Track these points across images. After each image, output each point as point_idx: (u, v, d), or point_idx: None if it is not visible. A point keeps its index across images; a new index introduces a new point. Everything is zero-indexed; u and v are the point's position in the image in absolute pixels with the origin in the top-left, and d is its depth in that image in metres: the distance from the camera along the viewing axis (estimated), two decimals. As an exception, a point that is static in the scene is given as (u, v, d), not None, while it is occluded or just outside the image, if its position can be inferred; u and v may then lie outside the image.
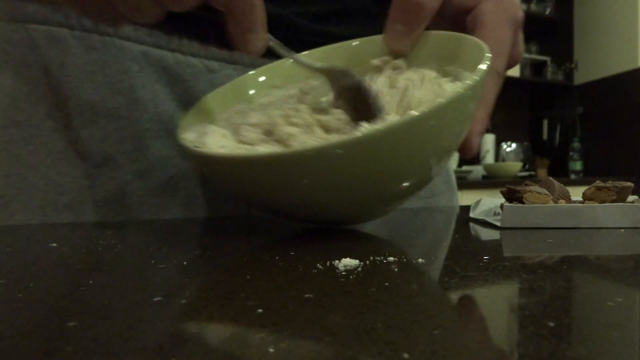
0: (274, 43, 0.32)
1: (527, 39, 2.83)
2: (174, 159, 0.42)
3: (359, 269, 0.19)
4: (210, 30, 0.42)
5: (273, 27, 0.44)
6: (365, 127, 0.25)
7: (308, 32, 0.46)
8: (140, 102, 0.41)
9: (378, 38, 0.35)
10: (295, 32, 0.45)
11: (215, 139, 0.30)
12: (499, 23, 0.32)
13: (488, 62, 0.27)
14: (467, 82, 0.26)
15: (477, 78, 0.26)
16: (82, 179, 0.39)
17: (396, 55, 0.34)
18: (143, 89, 0.41)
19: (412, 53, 0.34)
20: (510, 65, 0.35)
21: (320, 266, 0.20)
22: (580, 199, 0.35)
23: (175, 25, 0.41)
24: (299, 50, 0.47)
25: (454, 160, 2.42)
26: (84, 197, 0.39)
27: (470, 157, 0.32)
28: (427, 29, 0.33)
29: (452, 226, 0.36)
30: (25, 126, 0.39)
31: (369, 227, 0.34)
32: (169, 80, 0.42)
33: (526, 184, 0.35)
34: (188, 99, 0.42)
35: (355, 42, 0.38)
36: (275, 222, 0.37)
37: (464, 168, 2.50)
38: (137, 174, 0.41)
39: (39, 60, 0.39)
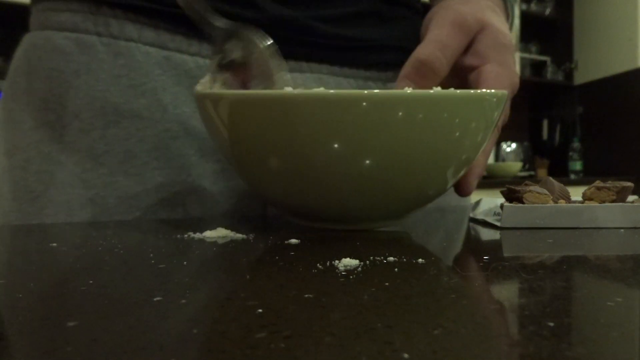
0: None
1: (527, 39, 2.83)
2: (192, 158, 0.44)
3: (359, 269, 0.19)
4: None
5: (288, 30, 0.45)
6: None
7: (322, 34, 0.47)
8: (162, 104, 0.43)
9: None
10: (309, 34, 0.46)
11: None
12: (500, 84, 0.34)
13: (504, 92, 0.29)
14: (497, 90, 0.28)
15: (491, 92, 0.28)
16: (105, 175, 0.41)
17: None
18: (164, 91, 0.43)
19: None
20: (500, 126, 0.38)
21: (320, 266, 0.20)
22: (580, 199, 0.35)
23: (196, 30, 0.43)
24: (315, 53, 0.48)
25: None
26: (107, 193, 0.41)
27: (466, 196, 0.34)
28: None
29: (453, 226, 0.37)
30: (55, 126, 0.41)
31: (369, 227, 0.34)
32: (189, 82, 0.44)
33: (526, 184, 0.35)
34: None
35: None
36: (283, 224, 0.37)
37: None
38: (157, 172, 0.43)
39: (69, 65, 0.42)
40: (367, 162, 0.26)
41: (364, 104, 0.25)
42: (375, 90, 0.25)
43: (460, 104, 0.26)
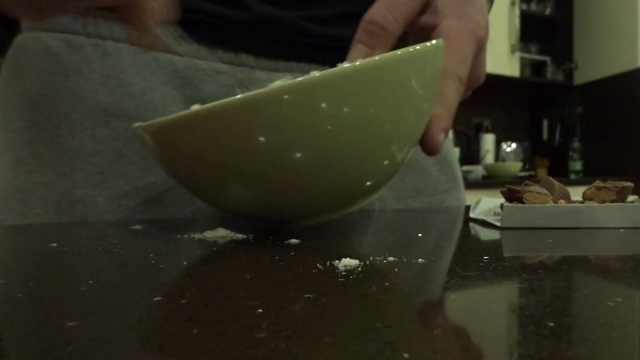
0: (168, 38, 0.32)
1: (527, 39, 2.83)
2: None
3: (359, 269, 0.19)
4: (218, 34, 0.44)
5: (278, 30, 0.45)
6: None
7: (312, 35, 0.47)
8: (151, 104, 0.43)
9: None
10: (300, 35, 0.46)
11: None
12: (461, 36, 0.33)
13: (429, 43, 0.27)
14: (398, 51, 0.25)
15: (415, 48, 0.25)
16: (95, 175, 0.41)
17: None
18: (153, 91, 0.43)
19: None
20: (473, 84, 0.36)
21: (320, 266, 0.20)
22: (580, 199, 0.35)
23: (185, 30, 0.43)
24: (305, 53, 0.48)
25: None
26: (97, 192, 0.41)
27: (435, 154, 0.32)
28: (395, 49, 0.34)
29: (452, 226, 0.36)
30: (45, 127, 0.41)
31: (369, 227, 0.34)
32: (178, 82, 0.44)
33: (526, 184, 0.35)
34: (197, 100, 0.44)
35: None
36: (283, 224, 0.37)
37: (464, 168, 2.50)
38: (146, 171, 0.43)
39: (59, 66, 0.42)
40: (307, 154, 0.25)
41: (285, 96, 0.23)
42: (288, 81, 0.23)
43: (375, 72, 0.24)
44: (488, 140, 2.73)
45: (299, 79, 0.23)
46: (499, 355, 0.11)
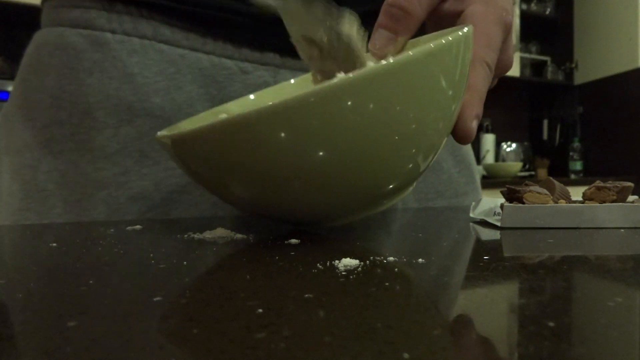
0: None
1: (527, 39, 2.83)
2: None
3: (359, 269, 0.19)
4: (244, 33, 0.43)
5: None
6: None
7: None
8: (175, 103, 0.42)
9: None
10: None
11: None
12: (488, 21, 0.31)
13: (460, 32, 0.26)
14: (432, 45, 0.24)
15: (448, 40, 0.24)
16: (118, 175, 0.41)
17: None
18: (178, 89, 0.43)
19: None
20: (501, 71, 0.35)
21: (320, 266, 0.20)
22: (580, 199, 0.35)
23: (210, 28, 0.42)
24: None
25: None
26: (119, 193, 0.41)
27: (468, 142, 0.30)
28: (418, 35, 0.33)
29: (453, 226, 0.36)
30: (67, 125, 0.40)
31: (369, 227, 0.34)
32: (204, 81, 0.43)
33: (526, 184, 0.35)
34: (222, 99, 0.43)
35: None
36: (283, 224, 0.37)
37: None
38: (169, 171, 0.42)
39: (82, 62, 0.41)
40: (337, 157, 0.24)
41: (312, 99, 0.22)
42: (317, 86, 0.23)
43: (407, 69, 0.23)
44: (488, 140, 2.73)
45: (330, 82, 0.22)
46: (499, 355, 0.11)
